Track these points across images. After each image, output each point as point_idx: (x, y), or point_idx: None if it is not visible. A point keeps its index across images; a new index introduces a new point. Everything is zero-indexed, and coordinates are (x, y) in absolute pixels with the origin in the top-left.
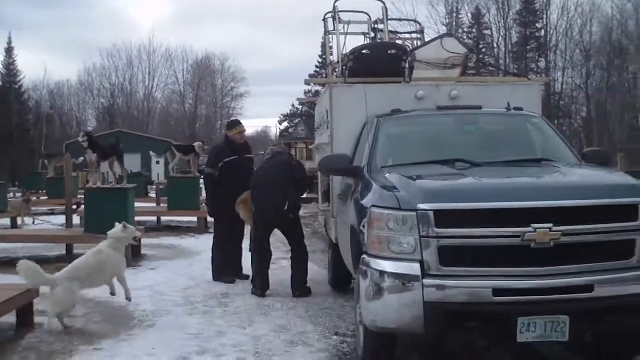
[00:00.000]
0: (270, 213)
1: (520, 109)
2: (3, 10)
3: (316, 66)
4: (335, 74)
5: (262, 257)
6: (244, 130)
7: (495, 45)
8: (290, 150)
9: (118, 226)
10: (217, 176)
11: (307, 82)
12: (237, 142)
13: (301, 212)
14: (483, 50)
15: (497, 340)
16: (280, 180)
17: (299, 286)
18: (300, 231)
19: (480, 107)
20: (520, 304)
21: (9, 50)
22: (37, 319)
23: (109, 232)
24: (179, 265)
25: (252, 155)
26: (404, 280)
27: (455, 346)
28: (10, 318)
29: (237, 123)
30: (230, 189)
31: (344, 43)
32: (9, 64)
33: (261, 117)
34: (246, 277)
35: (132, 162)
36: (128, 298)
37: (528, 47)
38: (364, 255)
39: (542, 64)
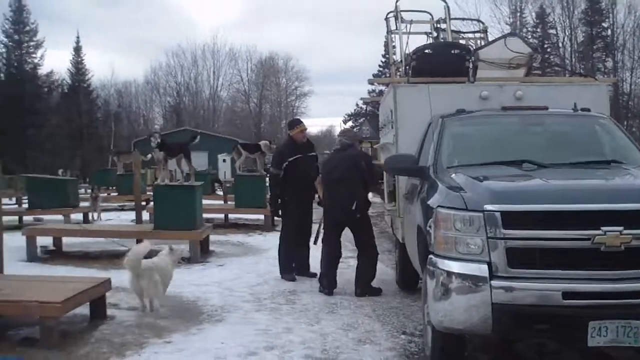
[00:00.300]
0: (338, 212)
1: (588, 110)
2: (71, 9)
3: (380, 66)
4: (398, 73)
5: (330, 255)
6: (305, 129)
7: (560, 45)
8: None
9: (164, 251)
10: (282, 176)
11: (370, 82)
12: (299, 141)
13: (369, 212)
14: (548, 50)
15: (568, 344)
16: (348, 178)
17: (365, 286)
18: (369, 230)
19: (546, 108)
20: (591, 307)
21: (77, 50)
22: (109, 311)
23: (156, 259)
24: (246, 263)
25: (316, 153)
26: (472, 281)
27: (525, 348)
28: (84, 310)
29: (298, 122)
30: (295, 187)
31: (407, 43)
32: (78, 63)
33: (325, 116)
34: (313, 275)
35: (199, 160)
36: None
37: (594, 47)
38: (431, 256)
39: (609, 64)
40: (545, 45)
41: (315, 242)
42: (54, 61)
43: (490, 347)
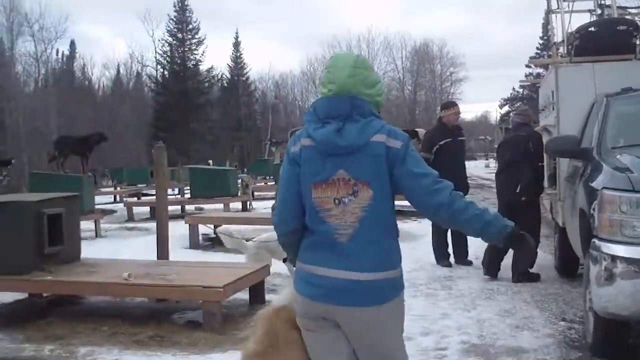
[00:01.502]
0: (503, 194)
1: None
2: (229, 7)
3: (537, 48)
4: (560, 54)
5: None
6: (459, 112)
7: None
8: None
9: None
10: (433, 160)
11: (529, 64)
12: (451, 124)
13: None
14: None
15: None
16: (514, 160)
17: (523, 273)
18: (536, 216)
19: None
20: None
21: (236, 45)
22: (268, 296)
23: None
24: (403, 249)
25: (465, 138)
26: (639, 265)
27: None
28: (244, 295)
29: (453, 104)
30: (446, 171)
31: (569, 21)
32: (237, 58)
33: (481, 101)
34: (469, 262)
35: None
36: None
37: None
38: (594, 240)
39: None
40: None
41: None
42: (214, 57)
43: None
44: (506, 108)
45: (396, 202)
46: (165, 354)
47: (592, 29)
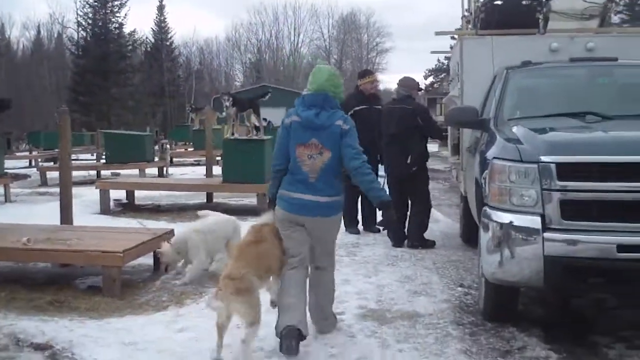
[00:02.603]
0: (395, 168)
1: None
2: None
3: (462, 19)
4: (469, 26)
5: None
6: (376, 80)
7: None
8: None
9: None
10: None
11: (437, 34)
12: (367, 92)
13: (441, 167)
14: (639, 1)
15: (622, 298)
16: (403, 132)
17: (418, 239)
18: (425, 184)
19: (616, 59)
20: None
21: (160, 9)
22: None
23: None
24: None
25: (382, 107)
26: (525, 233)
27: (583, 304)
28: (149, 260)
29: (369, 73)
30: (360, 139)
31: None
32: (161, 22)
33: (406, 72)
34: (377, 230)
35: (278, 116)
36: None
37: None
38: (485, 208)
39: None
40: None
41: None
42: (137, 20)
43: (546, 301)
44: (431, 79)
45: None
46: (62, 319)
47: (498, 2)
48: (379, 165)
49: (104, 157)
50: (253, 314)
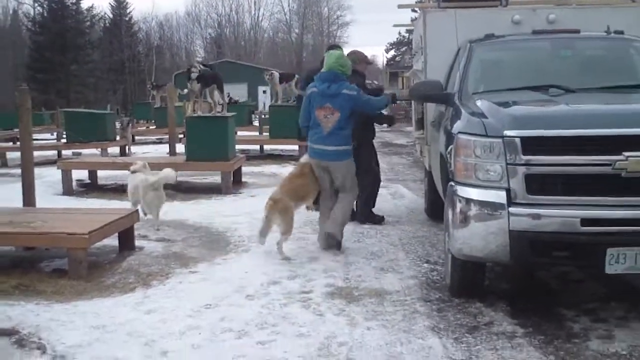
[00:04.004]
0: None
1: (622, 32)
2: None
3: None
4: None
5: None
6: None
7: None
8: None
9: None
10: None
11: (400, 7)
12: None
13: (403, 141)
14: None
15: (586, 271)
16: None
17: (364, 215)
18: (368, 161)
19: (578, 31)
20: (610, 234)
21: None
22: (138, 242)
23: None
24: None
25: None
26: (490, 208)
27: (547, 278)
28: (114, 241)
29: (336, 46)
30: None
31: None
32: None
33: (368, 45)
34: None
35: (239, 91)
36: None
37: None
38: (451, 183)
39: None
40: None
41: None
42: None
43: (512, 276)
44: (392, 52)
45: (274, 147)
46: (28, 303)
47: None
48: None
49: (64, 136)
50: (286, 225)
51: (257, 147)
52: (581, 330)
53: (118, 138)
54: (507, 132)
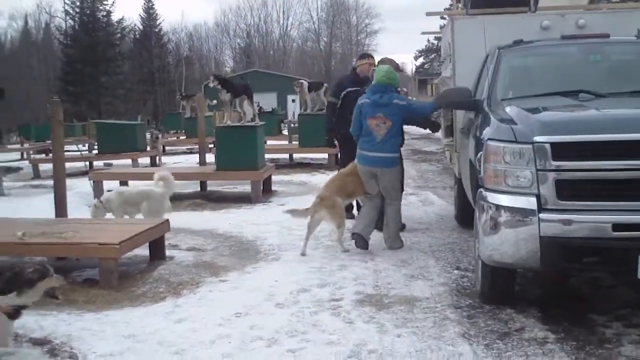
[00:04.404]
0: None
1: None
2: None
3: None
4: (459, 5)
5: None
6: (373, 63)
7: None
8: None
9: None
10: (340, 105)
11: (428, 15)
12: (363, 74)
13: (433, 148)
14: None
15: (618, 277)
16: None
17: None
18: (398, 170)
19: (608, 36)
20: None
21: None
22: (169, 252)
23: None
24: (308, 202)
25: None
26: (521, 214)
27: (579, 283)
28: (144, 251)
29: (368, 56)
30: (350, 120)
31: None
32: (149, 8)
33: (397, 53)
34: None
35: (268, 100)
36: None
37: None
38: (481, 189)
39: None
40: None
41: None
42: (125, 7)
43: (543, 282)
44: (421, 60)
45: (304, 155)
46: (60, 313)
47: None
48: None
49: (96, 147)
50: (337, 219)
51: (287, 155)
52: (613, 336)
53: (149, 148)
54: (537, 138)
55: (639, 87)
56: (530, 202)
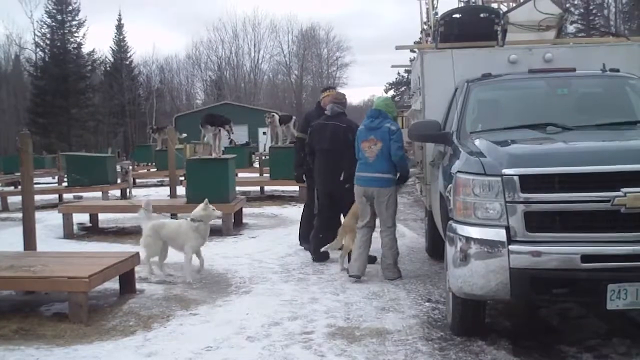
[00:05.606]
0: (328, 184)
1: (617, 70)
2: None
3: (421, 32)
4: (428, 39)
5: (322, 227)
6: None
7: (605, 5)
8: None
9: (200, 205)
10: (308, 141)
11: (398, 48)
12: (326, 106)
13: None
14: (593, 11)
15: (588, 307)
16: (336, 148)
17: (318, 253)
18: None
19: (574, 70)
20: (610, 270)
21: (119, 27)
22: (139, 285)
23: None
24: (279, 234)
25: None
26: (490, 246)
27: (548, 314)
28: (115, 284)
29: (330, 88)
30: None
31: (436, 7)
32: (120, 41)
33: (367, 85)
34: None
35: (239, 133)
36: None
37: None
38: (451, 222)
39: None
40: (591, 7)
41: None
42: (96, 40)
43: (513, 313)
44: (391, 92)
45: (275, 187)
46: (28, 347)
47: (457, 15)
48: None
49: (65, 180)
50: (351, 242)
51: (258, 188)
52: None
53: (119, 181)
54: (506, 171)
55: (605, 119)
56: (500, 234)
